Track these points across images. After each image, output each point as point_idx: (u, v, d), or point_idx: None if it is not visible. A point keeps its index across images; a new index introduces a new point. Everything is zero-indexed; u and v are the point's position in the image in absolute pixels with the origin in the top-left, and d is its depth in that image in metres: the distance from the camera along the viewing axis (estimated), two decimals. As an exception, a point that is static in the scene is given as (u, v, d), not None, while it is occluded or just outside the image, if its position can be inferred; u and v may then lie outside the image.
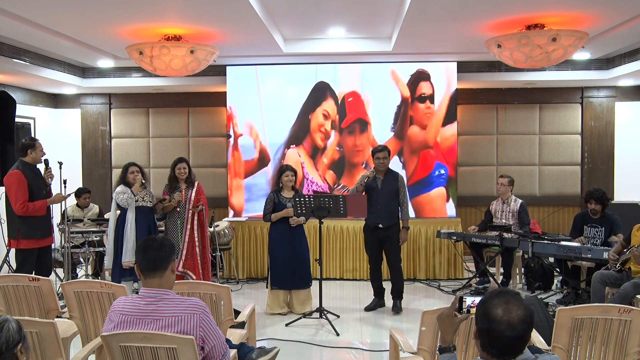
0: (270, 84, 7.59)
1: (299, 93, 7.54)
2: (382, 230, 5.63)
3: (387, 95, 7.47)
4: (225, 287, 3.47)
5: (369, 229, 5.79)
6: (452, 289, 6.60)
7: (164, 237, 2.94)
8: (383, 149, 5.69)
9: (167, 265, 2.40)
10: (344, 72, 7.50)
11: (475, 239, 6.37)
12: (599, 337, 2.87)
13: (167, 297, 2.35)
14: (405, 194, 5.70)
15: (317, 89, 7.53)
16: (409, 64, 7.45)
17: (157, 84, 7.88)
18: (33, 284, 3.52)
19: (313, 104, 7.53)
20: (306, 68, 7.51)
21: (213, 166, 8.47)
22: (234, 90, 7.64)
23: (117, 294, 3.33)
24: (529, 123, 8.35)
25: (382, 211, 5.60)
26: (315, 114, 7.54)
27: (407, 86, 7.45)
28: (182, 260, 5.71)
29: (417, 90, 7.46)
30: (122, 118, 8.66)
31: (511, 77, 7.64)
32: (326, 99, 7.53)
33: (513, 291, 1.90)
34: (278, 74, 7.58)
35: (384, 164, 5.65)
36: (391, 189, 5.63)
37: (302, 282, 5.60)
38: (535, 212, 8.30)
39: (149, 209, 5.74)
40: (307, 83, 7.53)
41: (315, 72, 7.53)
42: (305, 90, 7.53)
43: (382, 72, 7.47)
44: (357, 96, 7.52)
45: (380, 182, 5.67)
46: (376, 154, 5.66)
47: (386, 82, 7.48)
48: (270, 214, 5.59)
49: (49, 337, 2.74)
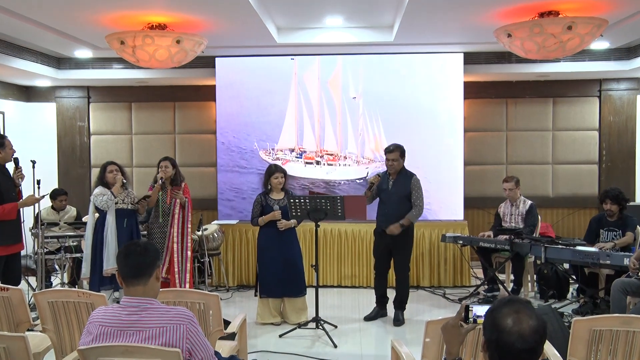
0: (262, 77, 7.59)
1: (293, 86, 7.55)
2: (390, 237, 5.60)
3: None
4: (214, 295, 3.47)
5: (378, 233, 5.78)
6: (458, 297, 6.61)
7: (148, 241, 2.93)
8: (394, 149, 5.60)
9: (152, 272, 2.40)
10: (342, 64, 7.52)
11: (483, 244, 6.38)
12: (620, 351, 2.85)
13: (152, 307, 2.34)
14: (419, 196, 5.59)
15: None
16: (411, 55, 7.47)
17: (140, 76, 7.87)
18: (1, 294, 3.48)
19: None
20: (301, 60, 7.51)
21: (201, 165, 8.46)
22: (224, 83, 7.66)
23: (96, 304, 3.31)
24: (542, 118, 8.37)
25: (390, 215, 5.56)
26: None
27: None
28: (165, 266, 5.70)
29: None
30: (101, 113, 8.64)
31: (522, 69, 7.65)
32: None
33: (524, 300, 1.90)
34: (271, 66, 7.58)
35: (393, 165, 5.59)
36: (402, 191, 5.58)
37: (295, 290, 5.60)
38: (548, 214, 8.32)
39: (130, 212, 5.74)
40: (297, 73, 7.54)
41: (310, 64, 7.54)
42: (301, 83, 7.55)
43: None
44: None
45: (392, 184, 5.65)
46: (387, 154, 5.62)
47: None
48: (258, 217, 5.59)
49: (19, 353, 2.71)
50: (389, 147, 5.65)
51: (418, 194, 5.60)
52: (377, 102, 7.50)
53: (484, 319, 1.89)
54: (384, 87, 7.48)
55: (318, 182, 7.54)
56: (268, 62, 7.58)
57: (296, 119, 7.54)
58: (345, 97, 7.51)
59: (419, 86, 7.49)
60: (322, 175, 7.53)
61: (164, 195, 5.89)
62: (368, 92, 7.50)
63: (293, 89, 7.55)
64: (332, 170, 7.55)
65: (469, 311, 2.21)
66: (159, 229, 5.85)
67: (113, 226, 5.55)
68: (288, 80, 7.56)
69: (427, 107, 7.49)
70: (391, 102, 7.49)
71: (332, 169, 7.55)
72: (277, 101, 7.57)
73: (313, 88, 7.53)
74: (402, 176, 5.64)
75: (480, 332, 2.39)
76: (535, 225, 6.56)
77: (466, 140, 7.94)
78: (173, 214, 5.82)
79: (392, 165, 5.58)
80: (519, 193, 6.67)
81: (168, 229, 5.81)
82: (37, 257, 5.98)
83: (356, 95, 7.47)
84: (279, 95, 7.57)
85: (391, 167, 5.59)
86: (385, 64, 7.49)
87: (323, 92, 7.53)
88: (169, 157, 6.02)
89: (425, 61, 7.50)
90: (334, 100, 7.53)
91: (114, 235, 5.53)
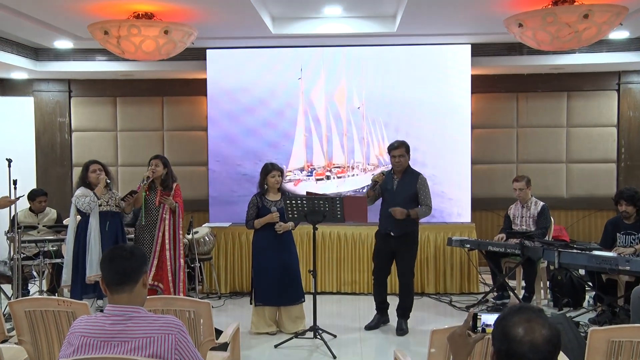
0: (257, 69, 7.61)
1: (288, 79, 7.57)
2: (394, 239, 5.60)
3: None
4: (206, 302, 3.47)
5: (380, 236, 5.79)
6: (466, 305, 6.61)
7: (134, 245, 2.93)
8: (399, 145, 5.60)
9: (138, 278, 2.39)
10: (341, 56, 7.54)
11: (492, 248, 6.39)
12: (641, 364, 2.85)
13: (138, 315, 2.34)
14: (427, 195, 5.59)
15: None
16: (415, 47, 7.47)
17: (125, 69, 7.86)
18: (-27, 304, 3.49)
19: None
20: (297, 52, 7.52)
21: (192, 164, 8.45)
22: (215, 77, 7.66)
23: (78, 313, 3.30)
24: (555, 114, 8.38)
25: (394, 217, 5.57)
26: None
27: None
28: (152, 272, 5.69)
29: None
30: (84, 108, 8.63)
31: (534, 61, 7.66)
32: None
33: (536, 307, 1.90)
34: (265, 58, 7.59)
35: (400, 162, 5.58)
36: (408, 191, 5.58)
37: (292, 297, 5.60)
38: (563, 216, 8.33)
39: (115, 214, 5.73)
40: (297, 68, 7.55)
41: (307, 57, 7.54)
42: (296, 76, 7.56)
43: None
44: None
45: (396, 183, 5.64)
46: (391, 151, 5.61)
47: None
48: (254, 219, 5.58)
49: (-7, 366, 2.71)
50: (393, 144, 5.65)
51: (426, 194, 5.60)
52: (380, 103, 7.54)
53: (493, 328, 1.89)
54: (386, 83, 7.51)
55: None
56: (264, 54, 7.59)
57: (305, 139, 7.57)
58: (349, 107, 7.57)
59: (423, 80, 7.50)
60: (333, 188, 7.55)
61: (152, 196, 5.87)
62: (371, 94, 7.55)
63: (301, 109, 7.58)
64: (342, 183, 7.61)
65: (477, 320, 2.21)
66: (147, 232, 5.84)
67: (96, 230, 5.54)
68: (286, 76, 7.58)
69: (432, 102, 7.50)
70: (394, 99, 7.51)
71: (341, 182, 7.61)
72: (274, 97, 7.59)
73: (320, 104, 7.58)
74: (407, 175, 5.64)
75: (489, 342, 2.39)
76: (548, 227, 6.56)
77: (474, 137, 7.95)
78: (162, 218, 5.81)
79: (399, 162, 5.58)
80: (530, 194, 6.67)
81: (156, 232, 5.80)
82: (14, 263, 5.94)
83: (360, 104, 7.53)
84: (277, 91, 7.58)
85: (398, 164, 5.59)
86: (387, 57, 7.49)
87: (329, 106, 7.57)
88: (160, 156, 6.01)
89: (430, 53, 7.51)
90: (340, 112, 7.58)
91: (97, 239, 5.52)
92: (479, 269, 7.31)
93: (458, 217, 7.51)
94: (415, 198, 5.56)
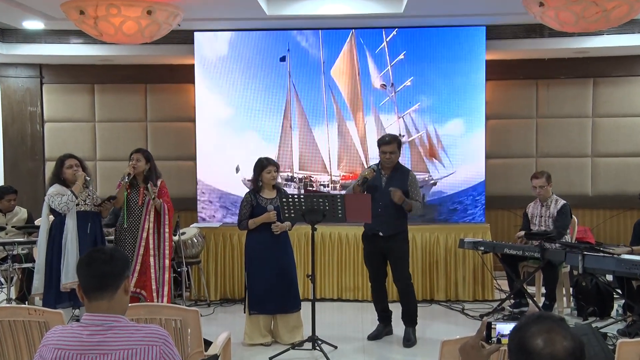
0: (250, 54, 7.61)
1: (284, 65, 7.57)
2: (383, 240, 5.64)
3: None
4: (194, 310, 3.47)
5: (367, 237, 5.81)
6: (479, 314, 6.62)
7: (115, 247, 2.93)
8: (391, 140, 5.64)
9: (119, 284, 2.39)
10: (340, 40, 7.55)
11: (509, 250, 6.39)
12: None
13: (119, 325, 2.34)
14: (417, 193, 5.71)
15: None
16: (424, 29, 7.46)
17: (104, 53, 7.84)
18: None
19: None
20: (294, 35, 7.52)
21: (178, 159, 8.45)
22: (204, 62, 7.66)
23: (52, 323, 3.29)
24: (580, 103, 8.37)
25: (383, 216, 5.57)
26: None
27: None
28: (134, 277, 5.69)
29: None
30: (58, 96, 8.61)
31: (557, 44, 7.64)
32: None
33: (557, 317, 1.90)
34: (259, 42, 7.59)
35: (390, 159, 5.63)
36: (398, 189, 5.60)
37: (289, 305, 5.60)
38: (587, 216, 8.33)
39: (93, 215, 5.72)
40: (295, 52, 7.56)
41: (305, 40, 7.53)
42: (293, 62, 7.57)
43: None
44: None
45: (385, 180, 5.66)
46: (382, 146, 5.64)
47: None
48: (247, 219, 5.58)
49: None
50: (385, 138, 5.68)
51: (417, 192, 5.71)
52: (382, 92, 7.54)
53: (510, 339, 1.89)
54: (393, 71, 7.51)
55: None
56: (258, 37, 7.60)
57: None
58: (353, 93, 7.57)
59: (432, 66, 7.50)
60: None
61: (134, 195, 5.87)
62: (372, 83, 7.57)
63: (289, 96, 7.59)
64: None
65: (492, 329, 2.21)
66: (129, 234, 5.84)
67: (73, 232, 5.53)
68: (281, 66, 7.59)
69: (442, 90, 7.50)
70: (400, 85, 7.52)
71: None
72: (269, 84, 7.60)
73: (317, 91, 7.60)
74: (397, 172, 5.69)
75: (504, 353, 2.39)
76: (566, 227, 6.55)
77: (488, 129, 7.94)
78: (146, 218, 5.81)
79: (390, 159, 5.62)
80: (550, 191, 6.67)
81: (139, 233, 5.80)
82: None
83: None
84: (269, 79, 7.59)
85: (388, 160, 5.62)
86: (393, 39, 7.48)
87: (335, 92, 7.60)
88: (141, 149, 6.01)
89: (441, 36, 7.50)
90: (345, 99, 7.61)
91: (74, 242, 5.51)
92: (493, 273, 7.31)
93: (470, 216, 7.52)
94: (405, 196, 5.60)
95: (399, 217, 5.64)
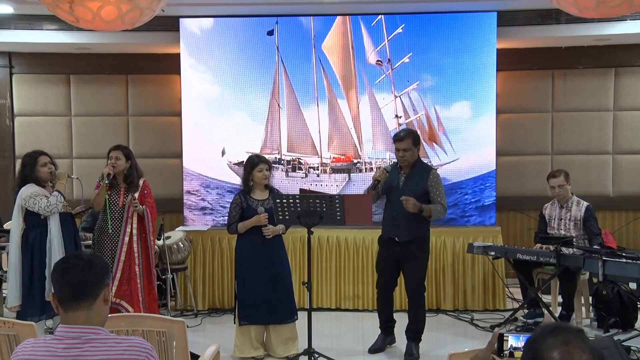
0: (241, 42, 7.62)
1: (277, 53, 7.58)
2: (399, 246, 5.61)
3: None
4: (180, 321, 3.47)
5: (383, 242, 5.80)
6: (490, 324, 6.63)
7: (94, 253, 2.92)
8: (405, 135, 5.58)
9: (98, 293, 2.39)
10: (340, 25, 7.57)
11: (522, 256, 6.39)
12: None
13: (98, 338, 2.33)
14: (440, 194, 5.59)
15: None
16: (429, 15, 7.46)
17: (80, 40, 7.82)
18: None
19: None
20: (291, 21, 7.53)
21: (162, 156, 8.45)
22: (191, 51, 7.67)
23: (22, 336, 3.27)
24: (600, 95, 8.37)
25: (400, 219, 5.55)
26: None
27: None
28: (114, 286, 5.69)
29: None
30: (29, 88, 8.59)
31: (575, 30, 7.64)
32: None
33: (575, 328, 1.90)
34: (252, 28, 7.60)
35: (405, 157, 5.57)
36: (418, 189, 5.56)
37: (283, 315, 5.61)
38: (608, 218, 8.34)
39: (69, 216, 5.71)
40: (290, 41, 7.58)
41: (301, 26, 7.55)
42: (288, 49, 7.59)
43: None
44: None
45: (403, 179, 5.64)
46: (395, 143, 5.60)
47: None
48: (237, 223, 5.58)
49: None
50: (399, 134, 5.65)
51: (439, 192, 5.60)
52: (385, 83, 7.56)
53: (523, 352, 1.89)
54: (393, 60, 7.52)
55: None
56: (251, 23, 7.60)
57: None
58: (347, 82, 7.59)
59: (436, 42, 7.49)
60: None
61: (115, 196, 5.85)
62: (373, 72, 7.58)
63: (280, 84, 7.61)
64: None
65: (504, 342, 2.22)
66: (108, 238, 5.83)
67: (59, 237, 5.52)
68: (275, 49, 7.58)
69: (447, 69, 7.51)
70: (403, 77, 7.52)
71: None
72: (262, 73, 7.62)
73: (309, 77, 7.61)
74: (417, 170, 5.64)
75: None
76: (600, 231, 6.53)
77: (500, 123, 7.96)
78: (127, 221, 5.79)
79: (404, 157, 5.57)
80: (570, 191, 6.66)
81: (121, 238, 5.79)
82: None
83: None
84: (258, 54, 7.61)
85: (403, 159, 5.58)
86: (394, 28, 7.50)
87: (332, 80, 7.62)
88: (120, 146, 5.98)
89: (448, 23, 7.50)
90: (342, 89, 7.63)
91: (61, 247, 5.50)
92: (505, 281, 7.33)
93: (480, 218, 7.53)
94: (425, 197, 5.55)
95: (419, 221, 5.53)
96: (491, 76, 7.52)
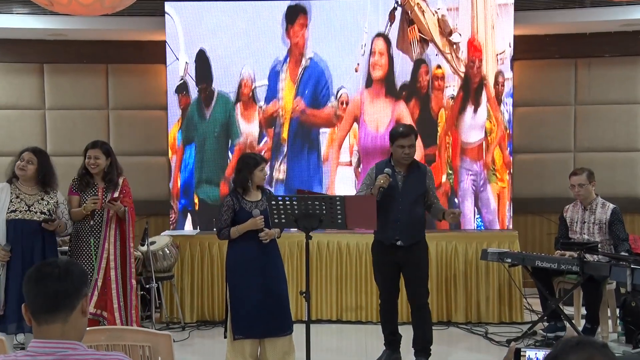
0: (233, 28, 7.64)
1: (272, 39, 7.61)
2: (402, 251, 5.63)
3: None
4: (165, 335, 3.46)
5: (381, 248, 5.80)
6: (506, 338, 6.62)
7: (71, 260, 2.92)
8: (409, 131, 5.63)
9: (75, 304, 2.37)
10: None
11: (542, 263, 6.38)
12: None
13: (74, 354, 2.33)
14: (434, 194, 5.80)
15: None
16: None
17: (55, 26, 7.83)
18: None
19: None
20: (285, 5, 7.56)
21: (146, 153, 8.47)
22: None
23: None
24: (628, 86, 8.38)
25: (403, 222, 5.59)
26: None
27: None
28: (93, 296, 5.68)
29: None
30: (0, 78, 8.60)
31: (599, 15, 7.66)
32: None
33: (599, 342, 1.90)
34: (245, 13, 7.62)
35: (409, 155, 5.61)
36: (418, 190, 5.62)
37: (279, 327, 5.59)
38: (636, 222, 8.34)
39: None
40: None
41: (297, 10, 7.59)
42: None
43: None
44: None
45: (402, 180, 5.66)
46: (399, 139, 5.59)
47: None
48: (229, 227, 5.58)
49: None
50: (402, 130, 5.68)
51: (434, 191, 5.82)
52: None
53: (543, 369, 1.90)
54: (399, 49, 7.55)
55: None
56: (243, 7, 7.62)
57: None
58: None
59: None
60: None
61: (92, 196, 5.84)
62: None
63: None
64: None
65: (521, 357, 2.22)
66: (85, 244, 5.83)
67: None
68: (270, 35, 7.61)
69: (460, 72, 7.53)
70: (406, 68, 7.55)
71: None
72: (255, 62, 7.64)
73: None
74: (415, 170, 5.70)
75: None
76: (627, 236, 6.51)
77: (517, 118, 7.97)
78: (107, 224, 5.79)
79: (409, 155, 5.61)
80: (593, 192, 6.65)
81: (101, 242, 5.78)
82: None
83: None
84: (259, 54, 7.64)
85: (406, 157, 5.61)
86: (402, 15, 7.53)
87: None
88: (98, 143, 5.94)
89: (460, 7, 7.51)
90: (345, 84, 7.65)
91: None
92: (523, 291, 7.33)
93: (495, 222, 7.54)
94: (423, 197, 5.66)
95: (419, 223, 5.69)
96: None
